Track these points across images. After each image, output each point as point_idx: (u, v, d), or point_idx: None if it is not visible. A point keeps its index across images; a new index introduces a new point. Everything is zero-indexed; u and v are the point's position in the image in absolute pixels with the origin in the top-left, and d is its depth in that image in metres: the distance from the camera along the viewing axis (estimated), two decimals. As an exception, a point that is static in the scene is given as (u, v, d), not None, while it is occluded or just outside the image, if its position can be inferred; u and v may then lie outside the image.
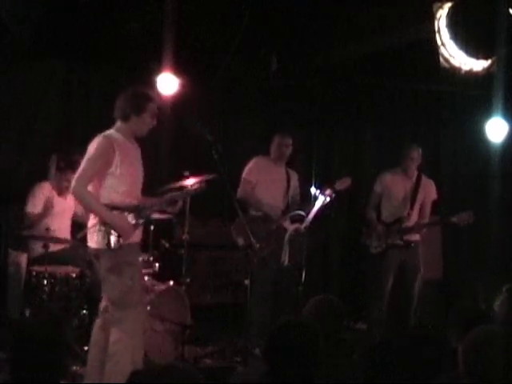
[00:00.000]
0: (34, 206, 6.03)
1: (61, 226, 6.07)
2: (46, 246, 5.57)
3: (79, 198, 4.60)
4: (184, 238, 6.15)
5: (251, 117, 7.87)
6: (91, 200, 4.55)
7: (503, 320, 4.24)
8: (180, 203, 5.05)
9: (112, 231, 4.48)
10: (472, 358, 2.77)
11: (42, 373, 2.67)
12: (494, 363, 2.72)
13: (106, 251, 4.52)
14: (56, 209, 6.10)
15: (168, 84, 5.90)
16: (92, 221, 4.60)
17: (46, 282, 5.53)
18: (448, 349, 3.24)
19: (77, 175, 4.54)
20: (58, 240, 5.90)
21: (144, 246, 5.43)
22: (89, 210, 4.62)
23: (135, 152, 4.78)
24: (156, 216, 5.39)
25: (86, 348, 5.44)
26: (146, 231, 5.32)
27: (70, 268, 5.78)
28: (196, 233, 6.78)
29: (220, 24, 6.45)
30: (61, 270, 5.69)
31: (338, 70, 7.61)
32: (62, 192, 6.15)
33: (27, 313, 5.55)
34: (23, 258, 6.05)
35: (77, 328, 5.59)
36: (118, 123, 4.70)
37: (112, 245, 4.49)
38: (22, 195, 6.13)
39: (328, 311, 3.63)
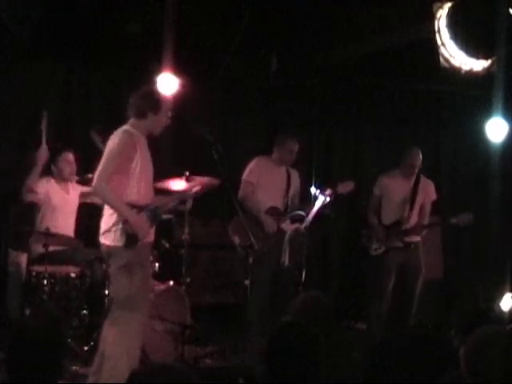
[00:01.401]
0: (36, 186, 5.95)
1: (62, 224, 6.04)
2: (46, 246, 5.56)
3: (100, 194, 4.59)
4: (184, 238, 6.15)
5: (251, 117, 7.87)
6: (113, 197, 4.52)
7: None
8: (190, 201, 5.07)
9: (130, 230, 4.48)
10: (474, 358, 2.77)
11: (41, 373, 2.67)
12: (496, 363, 2.72)
13: (121, 250, 4.51)
14: (57, 204, 6.07)
15: (168, 84, 5.89)
16: (109, 218, 4.57)
17: (45, 281, 5.53)
18: (448, 349, 3.24)
19: (97, 171, 4.53)
20: (59, 239, 5.88)
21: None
22: (110, 206, 4.57)
23: (147, 149, 4.77)
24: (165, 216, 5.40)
25: (86, 348, 5.47)
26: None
27: (70, 268, 5.78)
28: (196, 233, 6.78)
29: (220, 24, 6.45)
30: (61, 270, 5.69)
31: (338, 70, 7.61)
32: (64, 179, 6.12)
33: (27, 313, 5.55)
34: (23, 258, 6.04)
35: (77, 328, 5.60)
36: (133, 120, 4.69)
37: (130, 244, 4.49)
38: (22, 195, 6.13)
39: (315, 310, 3.63)
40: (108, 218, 4.59)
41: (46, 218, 5.98)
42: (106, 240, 4.60)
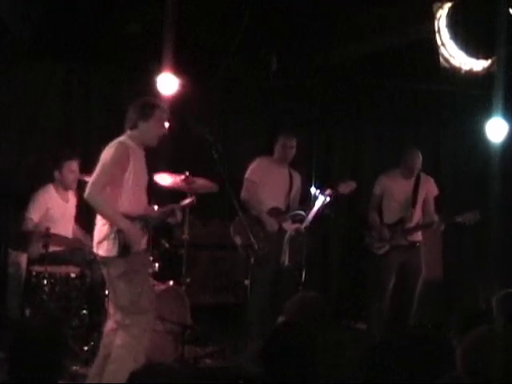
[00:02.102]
0: (34, 213, 5.97)
1: (61, 231, 6.03)
2: (46, 246, 5.56)
3: (93, 204, 4.55)
4: (184, 238, 6.15)
5: (251, 117, 7.87)
6: (106, 207, 4.54)
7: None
8: (180, 214, 5.06)
9: (123, 239, 4.49)
10: (470, 357, 2.78)
11: (41, 373, 2.67)
12: (492, 363, 2.72)
13: (116, 259, 4.53)
14: (56, 214, 6.07)
15: (168, 84, 5.90)
16: (101, 227, 4.58)
17: (45, 281, 5.53)
18: (448, 349, 3.24)
19: (91, 181, 4.54)
20: (58, 239, 5.87)
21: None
22: (104, 216, 4.57)
23: (144, 160, 4.79)
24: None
25: (85, 348, 5.47)
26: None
27: (70, 268, 5.79)
28: (196, 233, 6.77)
29: (220, 24, 6.45)
30: (61, 270, 5.69)
31: (338, 70, 7.60)
32: (65, 187, 6.11)
33: (27, 313, 5.55)
34: (23, 258, 6.03)
35: (77, 328, 5.60)
36: (128, 132, 4.71)
37: (123, 253, 4.50)
38: (22, 195, 6.12)
39: (312, 310, 3.64)
40: (100, 227, 4.60)
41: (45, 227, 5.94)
42: (99, 250, 4.62)
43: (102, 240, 4.57)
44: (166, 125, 4.79)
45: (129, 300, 4.57)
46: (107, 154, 4.60)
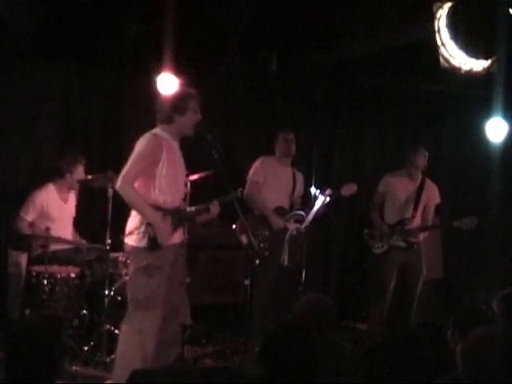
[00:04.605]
0: (28, 212, 5.99)
1: (60, 231, 6.03)
2: (45, 246, 5.56)
3: (123, 195, 4.56)
4: (184, 237, 6.14)
5: (251, 117, 7.87)
6: (136, 198, 4.53)
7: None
8: (215, 211, 5.04)
9: (152, 233, 4.49)
10: (470, 358, 2.77)
11: (38, 373, 2.67)
12: (491, 363, 2.72)
13: (143, 251, 4.53)
14: (55, 214, 6.07)
15: (168, 84, 5.90)
16: (133, 218, 4.60)
17: (46, 282, 5.53)
18: (448, 349, 3.24)
19: (122, 172, 4.55)
20: (59, 240, 5.88)
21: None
22: (133, 208, 4.60)
23: (179, 152, 4.80)
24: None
25: (86, 348, 5.47)
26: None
27: (70, 268, 5.79)
28: (196, 233, 6.77)
29: (220, 24, 6.45)
30: (61, 270, 5.69)
31: (337, 70, 7.61)
32: (68, 187, 6.13)
33: (27, 313, 5.55)
34: (23, 258, 6.03)
35: (77, 328, 5.60)
36: (163, 125, 4.70)
37: (152, 246, 4.50)
38: (22, 195, 6.12)
39: (319, 311, 3.64)
40: (132, 218, 4.63)
41: (43, 226, 5.94)
42: (129, 240, 4.64)
43: (131, 230, 4.59)
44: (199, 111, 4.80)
45: (143, 294, 4.55)
46: (140, 145, 4.60)
